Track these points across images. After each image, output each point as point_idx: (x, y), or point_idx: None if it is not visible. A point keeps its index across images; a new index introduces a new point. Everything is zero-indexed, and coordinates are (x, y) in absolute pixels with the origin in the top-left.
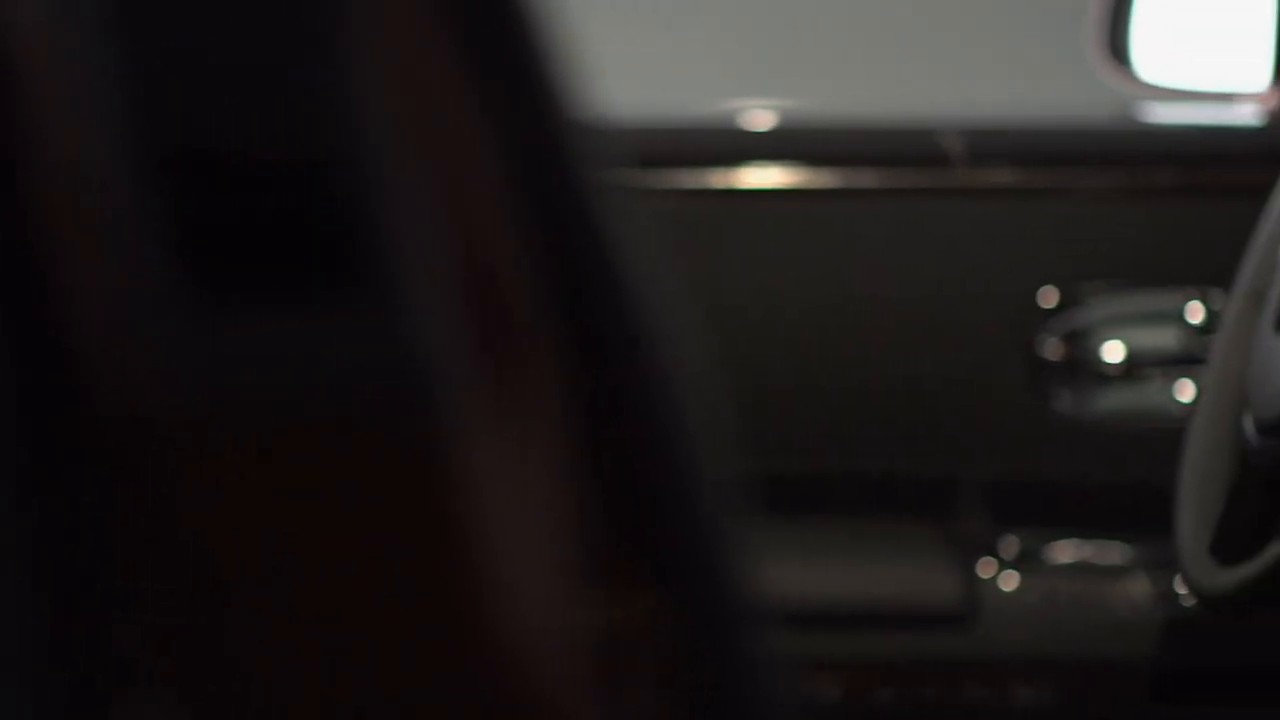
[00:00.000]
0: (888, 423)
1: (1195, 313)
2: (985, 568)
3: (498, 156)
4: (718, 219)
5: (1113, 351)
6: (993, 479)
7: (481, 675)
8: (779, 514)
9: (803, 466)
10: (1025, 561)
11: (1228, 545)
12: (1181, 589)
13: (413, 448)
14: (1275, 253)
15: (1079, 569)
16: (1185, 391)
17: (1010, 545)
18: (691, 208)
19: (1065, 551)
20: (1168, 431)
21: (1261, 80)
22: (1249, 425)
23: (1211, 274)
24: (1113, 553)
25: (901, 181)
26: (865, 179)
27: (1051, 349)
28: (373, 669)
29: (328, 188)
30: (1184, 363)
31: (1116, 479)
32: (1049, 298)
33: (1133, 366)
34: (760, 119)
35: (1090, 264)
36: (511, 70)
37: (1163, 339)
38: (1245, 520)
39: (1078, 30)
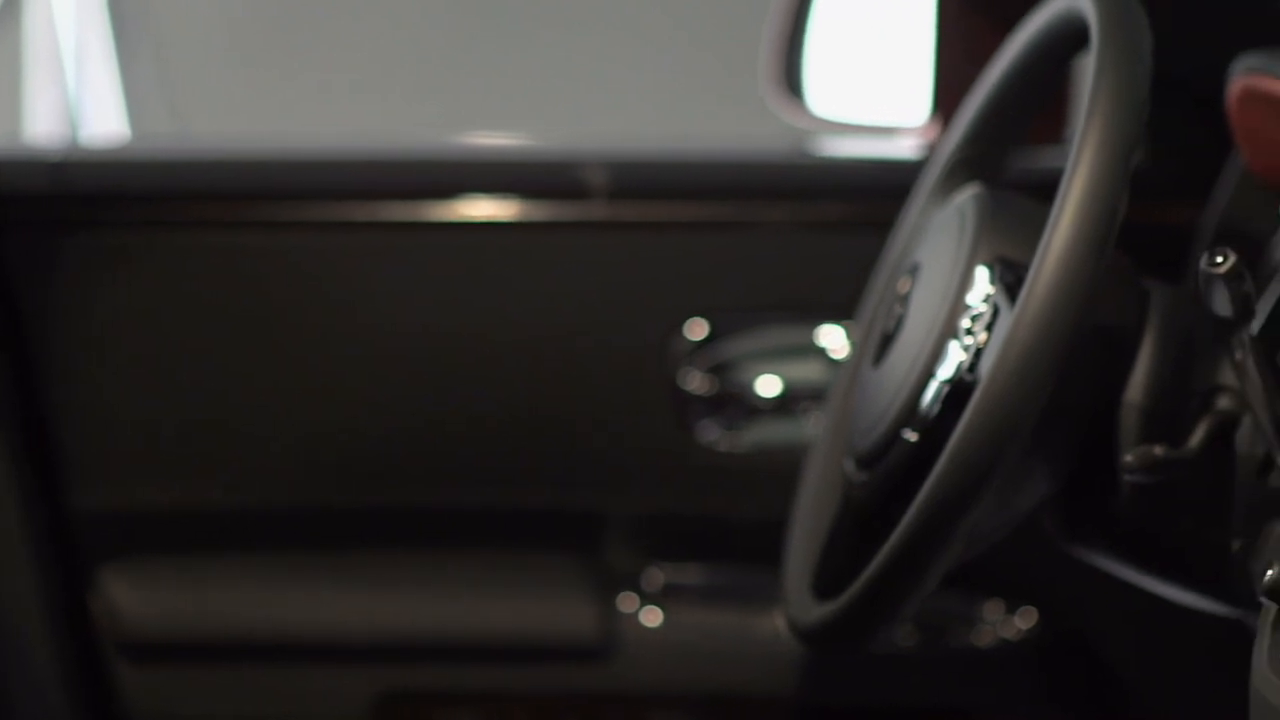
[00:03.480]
0: (531, 455)
1: (840, 346)
2: (627, 601)
3: None
4: (361, 252)
5: (761, 384)
6: (638, 512)
7: None
8: (421, 545)
9: (445, 498)
10: (669, 595)
11: (826, 580)
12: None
13: None
14: (886, 286)
15: (724, 602)
16: None
17: (655, 578)
18: (335, 241)
19: (710, 585)
20: None
21: (920, 114)
22: (849, 459)
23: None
24: (759, 586)
25: (545, 214)
26: (508, 211)
27: (699, 381)
28: None
29: None
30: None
31: (763, 512)
32: (697, 330)
33: (781, 399)
34: (402, 151)
35: (743, 296)
36: None
37: (810, 372)
38: (843, 555)
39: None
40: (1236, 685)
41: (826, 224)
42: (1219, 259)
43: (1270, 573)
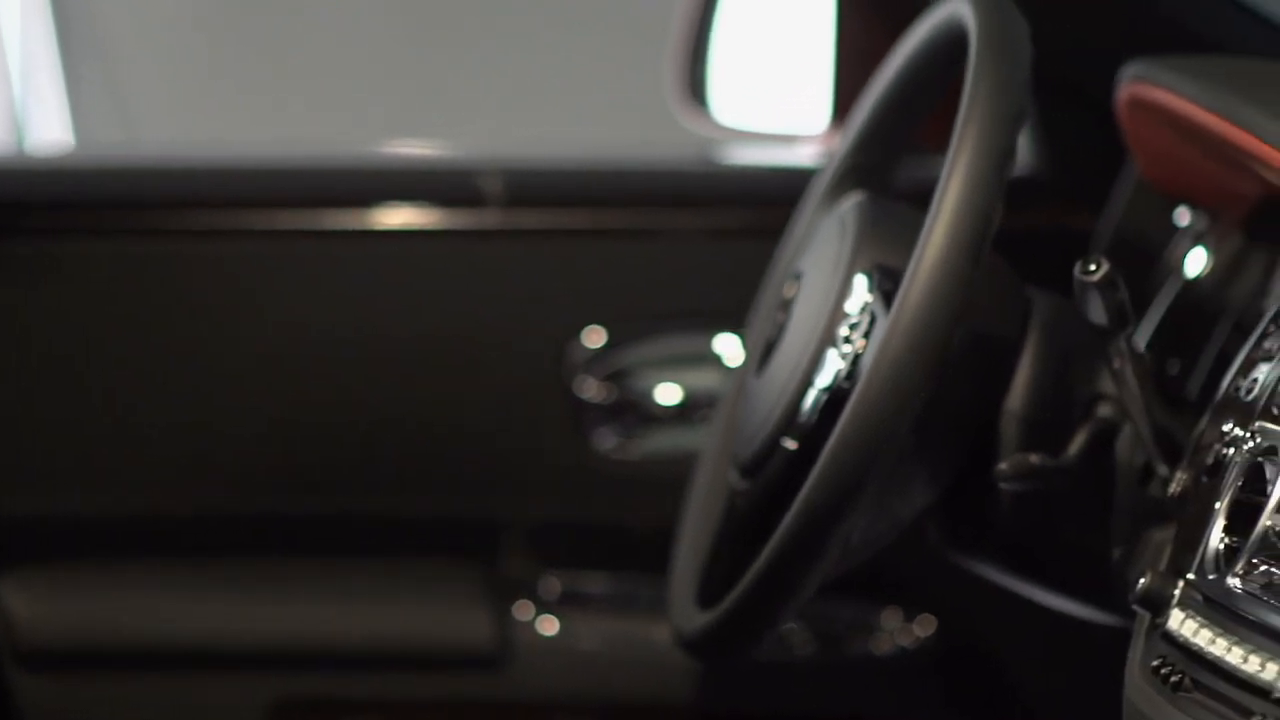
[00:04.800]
0: (427, 462)
1: (737, 354)
2: (523, 609)
3: None
4: (254, 260)
5: (660, 392)
6: (534, 520)
7: None
8: (317, 553)
9: (341, 506)
10: (566, 603)
11: (710, 589)
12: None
13: None
14: (772, 295)
15: (621, 610)
16: None
17: (551, 586)
18: (227, 249)
19: (607, 593)
20: None
21: (821, 122)
22: (733, 468)
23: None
24: (655, 594)
25: (441, 221)
26: (405, 219)
27: (596, 389)
28: None
29: None
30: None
31: (660, 520)
32: (594, 338)
33: (680, 408)
34: (297, 160)
35: (641, 304)
36: None
37: (709, 380)
38: (726, 564)
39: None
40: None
41: (726, 232)
42: (1092, 267)
43: (1143, 580)
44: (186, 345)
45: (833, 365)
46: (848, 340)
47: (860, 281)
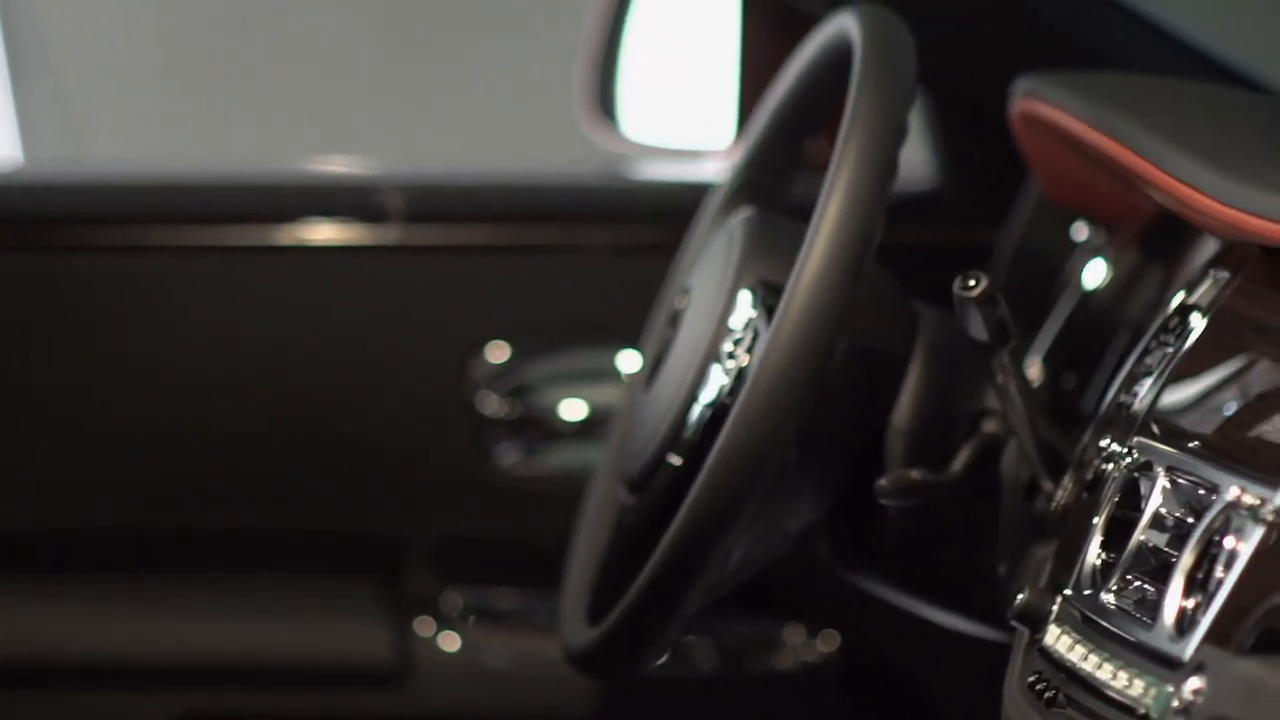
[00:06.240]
0: (328, 477)
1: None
2: (424, 625)
3: None
4: (154, 276)
5: (564, 408)
6: (436, 535)
7: None
8: (216, 568)
9: (241, 520)
10: (467, 619)
11: (599, 605)
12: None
13: None
14: (663, 311)
15: (523, 626)
16: None
17: (453, 602)
18: (124, 265)
19: (509, 609)
20: None
21: (726, 137)
22: (622, 484)
23: None
24: (557, 610)
25: (343, 237)
26: (308, 235)
27: (498, 404)
28: None
29: None
30: None
31: (562, 535)
32: (497, 353)
33: (584, 423)
34: (196, 177)
35: (545, 319)
36: None
37: (613, 396)
38: (614, 580)
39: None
40: None
41: (630, 247)
42: (971, 283)
43: (1021, 596)
44: (77, 360)
45: (717, 380)
46: (732, 356)
47: (744, 297)
